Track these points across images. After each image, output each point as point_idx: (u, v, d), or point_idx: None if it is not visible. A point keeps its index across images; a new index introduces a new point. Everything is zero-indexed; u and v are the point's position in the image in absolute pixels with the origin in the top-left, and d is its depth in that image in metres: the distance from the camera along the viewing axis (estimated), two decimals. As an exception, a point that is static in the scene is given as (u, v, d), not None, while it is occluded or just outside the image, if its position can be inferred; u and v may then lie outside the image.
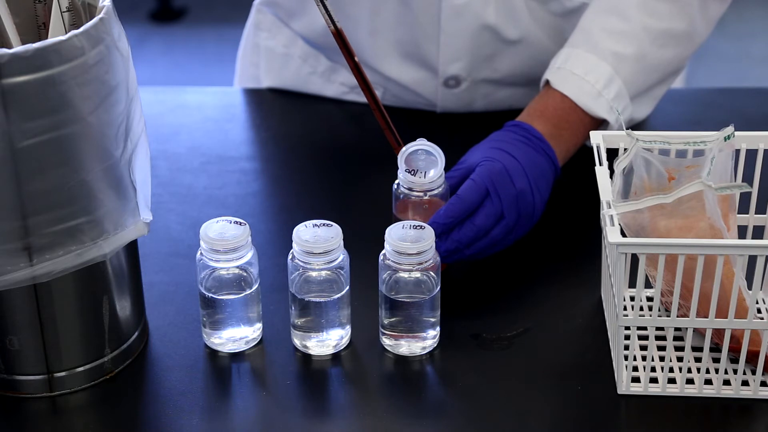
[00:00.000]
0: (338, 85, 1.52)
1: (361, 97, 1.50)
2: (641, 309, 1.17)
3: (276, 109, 1.53)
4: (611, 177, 1.08)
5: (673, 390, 1.08)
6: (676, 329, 1.12)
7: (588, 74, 1.29)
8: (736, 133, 1.09)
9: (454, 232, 1.16)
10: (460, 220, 1.16)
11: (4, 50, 0.93)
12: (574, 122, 1.28)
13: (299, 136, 1.47)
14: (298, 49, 1.53)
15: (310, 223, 1.09)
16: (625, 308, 1.16)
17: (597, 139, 1.14)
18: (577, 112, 1.29)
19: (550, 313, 1.18)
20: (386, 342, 1.13)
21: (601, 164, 1.10)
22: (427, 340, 1.13)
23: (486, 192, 1.17)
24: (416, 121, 1.48)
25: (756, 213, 1.16)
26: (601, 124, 1.31)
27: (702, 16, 1.33)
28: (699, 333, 1.09)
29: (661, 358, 1.10)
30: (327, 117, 1.51)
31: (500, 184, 1.18)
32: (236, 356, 1.13)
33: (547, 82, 1.31)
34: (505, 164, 1.19)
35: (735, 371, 1.09)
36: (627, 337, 1.06)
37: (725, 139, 1.08)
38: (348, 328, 1.13)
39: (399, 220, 1.17)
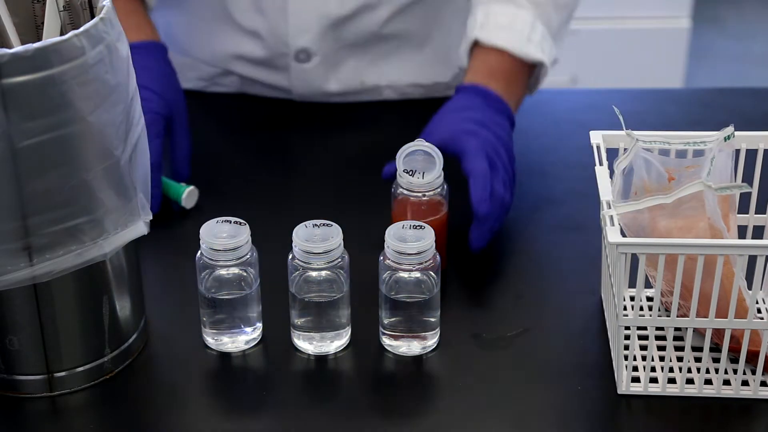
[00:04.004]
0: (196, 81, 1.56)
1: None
2: (641, 309, 1.17)
3: (276, 108, 1.53)
4: (611, 177, 1.08)
5: (673, 390, 1.08)
6: (676, 329, 1.12)
7: (513, 23, 1.34)
8: (736, 133, 1.10)
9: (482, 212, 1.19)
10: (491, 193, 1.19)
11: (4, 50, 0.93)
12: (517, 74, 1.34)
13: (299, 136, 1.47)
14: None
15: (310, 223, 1.10)
16: (625, 308, 1.16)
17: (597, 139, 1.14)
18: (516, 64, 1.33)
19: (550, 312, 1.18)
20: (386, 342, 1.13)
21: (601, 164, 1.10)
22: (427, 340, 1.13)
23: (489, 163, 1.20)
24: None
25: (756, 213, 1.16)
26: (534, 68, 1.36)
27: None
28: (699, 333, 1.09)
29: (661, 358, 1.10)
30: (326, 117, 1.51)
31: (494, 153, 1.22)
32: (236, 356, 1.13)
33: (476, 42, 1.34)
34: (489, 134, 1.23)
35: (735, 371, 1.09)
36: (627, 337, 1.06)
37: (725, 139, 1.08)
38: (348, 328, 1.13)
39: (398, 220, 1.17)
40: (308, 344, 1.12)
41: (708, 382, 1.08)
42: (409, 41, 1.49)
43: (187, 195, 1.32)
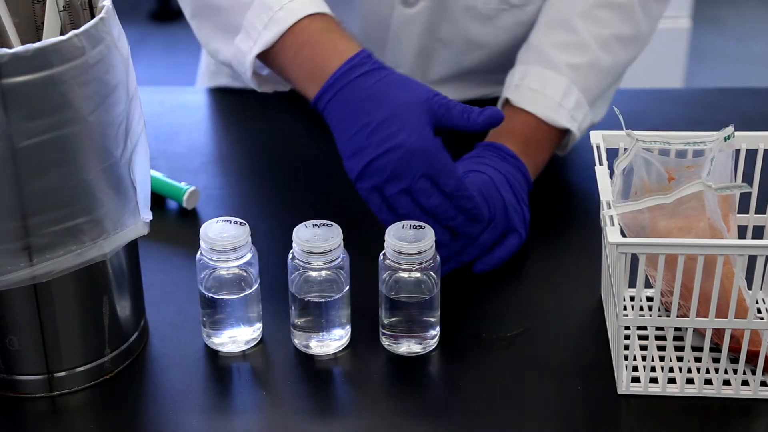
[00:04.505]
0: None
1: None
2: (641, 309, 1.17)
3: (276, 108, 1.53)
4: (611, 177, 1.08)
5: (673, 390, 1.08)
6: (676, 329, 1.12)
7: (545, 88, 1.32)
8: (736, 133, 1.09)
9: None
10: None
11: (4, 50, 0.93)
12: (540, 138, 1.31)
13: (299, 136, 1.47)
14: None
15: (310, 223, 1.10)
16: (625, 308, 1.16)
17: (597, 139, 1.14)
18: (542, 127, 1.31)
19: (550, 313, 1.18)
20: (386, 342, 1.13)
21: (601, 164, 1.10)
22: (427, 340, 1.13)
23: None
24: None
25: (756, 213, 1.16)
26: (564, 135, 1.34)
27: (645, 17, 1.37)
28: (699, 333, 1.09)
29: (661, 358, 1.10)
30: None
31: (488, 193, 1.21)
32: (236, 356, 1.13)
33: (507, 100, 1.33)
34: (490, 176, 1.22)
35: (735, 371, 1.09)
36: (627, 337, 1.06)
37: (725, 139, 1.08)
38: (348, 328, 1.13)
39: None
40: (308, 344, 1.12)
41: (708, 382, 1.08)
42: (493, 73, 1.49)
43: (189, 196, 1.32)
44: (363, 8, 1.40)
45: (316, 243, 1.08)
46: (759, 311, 1.16)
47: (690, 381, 1.08)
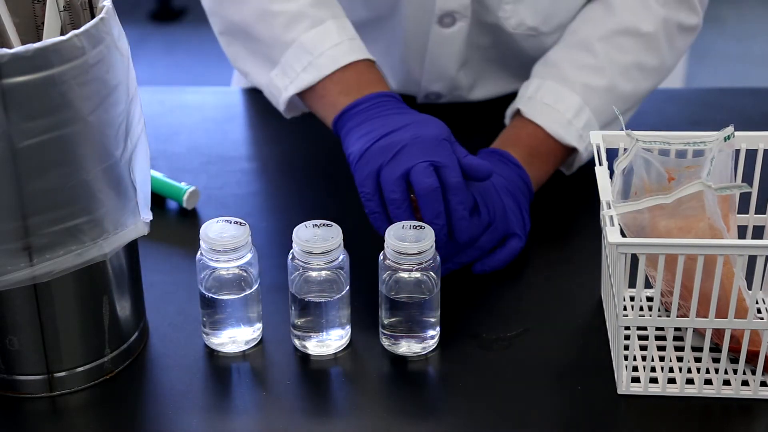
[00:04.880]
0: None
1: None
2: (641, 309, 1.17)
3: (276, 108, 1.53)
4: (611, 177, 1.08)
5: (673, 390, 1.08)
6: (676, 329, 1.12)
7: (558, 103, 1.31)
8: (736, 133, 1.09)
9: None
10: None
11: (5, 50, 0.93)
12: (546, 152, 1.31)
13: (299, 136, 1.47)
14: None
15: (310, 223, 1.10)
16: (625, 308, 1.16)
17: (597, 139, 1.14)
18: (548, 142, 1.31)
19: (550, 313, 1.18)
20: (386, 342, 1.13)
21: (601, 164, 1.10)
22: (427, 340, 1.13)
23: (474, 203, 1.19)
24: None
25: (756, 213, 1.16)
26: (571, 153, 1.33)
27: (670, 49, 1.35)
28: (699, 333, 1.09)
29: (661, 358, 1.10)
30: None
31: (487, 197, 1.20)
32: (236, 356, 1.13)
33: (518, 111, 1.33)
34: (492, 180, 1.22)
35: (735, 371, 1.09)
36: (627, 337, 1.06)
37: (725, 139, 1.08)
38: (348, 328, 1.13)
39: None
40: (308, 344, 1.12)
41: (708, 382, 1.08)
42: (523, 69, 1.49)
43: (189, 196, 1.32)
44: (402, 29, 1.41)
45: (316, 243, 1.08)
46: (759, 311, 1.16)
47: (690, 381, 1.08)
